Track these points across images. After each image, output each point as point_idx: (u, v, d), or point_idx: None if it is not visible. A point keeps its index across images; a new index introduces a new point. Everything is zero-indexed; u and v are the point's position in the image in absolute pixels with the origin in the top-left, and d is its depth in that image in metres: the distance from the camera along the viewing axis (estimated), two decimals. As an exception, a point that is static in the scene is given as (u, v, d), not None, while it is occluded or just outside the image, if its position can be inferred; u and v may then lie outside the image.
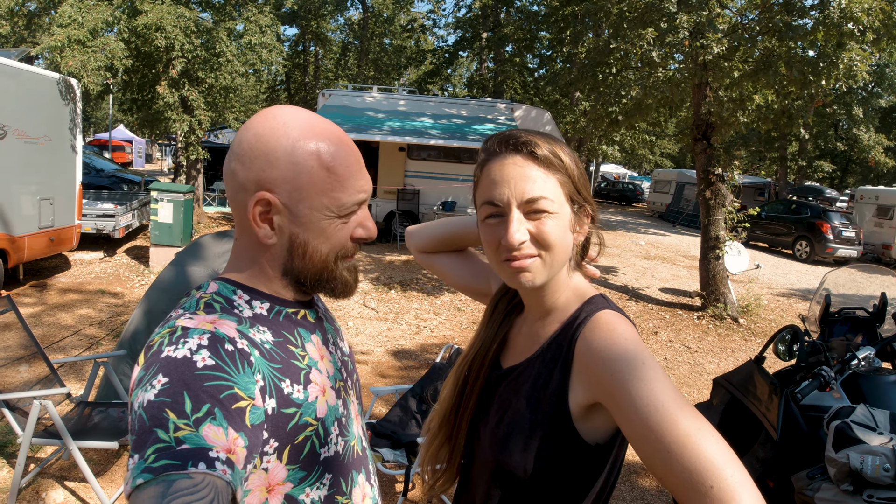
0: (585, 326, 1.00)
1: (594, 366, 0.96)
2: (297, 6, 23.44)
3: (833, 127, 26.69)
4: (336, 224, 0.96)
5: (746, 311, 9.14)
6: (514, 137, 1.04)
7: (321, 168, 0.93)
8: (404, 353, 6.66)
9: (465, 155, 13.59)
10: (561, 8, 16.71)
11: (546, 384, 1.04)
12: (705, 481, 0.78)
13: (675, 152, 38.36)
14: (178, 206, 9.27)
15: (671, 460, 0.82)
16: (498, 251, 1.03)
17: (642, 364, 0.90)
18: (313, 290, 1.03)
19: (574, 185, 1.05)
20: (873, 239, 16.78)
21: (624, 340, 0.94)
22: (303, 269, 0.98)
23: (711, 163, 8.90)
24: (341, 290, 1.03)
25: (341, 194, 0.95)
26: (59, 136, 8.12)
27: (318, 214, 0.94)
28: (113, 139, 22.51)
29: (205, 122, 12.32)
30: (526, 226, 1.00)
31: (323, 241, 0.97)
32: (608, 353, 0.94)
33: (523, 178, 1.01)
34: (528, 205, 1.00)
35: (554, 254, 1.02)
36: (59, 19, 9.78)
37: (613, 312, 1.01)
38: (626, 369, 0.90)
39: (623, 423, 0.90)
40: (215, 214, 15.97)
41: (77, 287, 8.14)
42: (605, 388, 0.94)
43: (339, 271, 1.00)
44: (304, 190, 0.93)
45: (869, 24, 7.08)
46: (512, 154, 1.03)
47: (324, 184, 0.93)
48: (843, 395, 2.43)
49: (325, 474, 0.96)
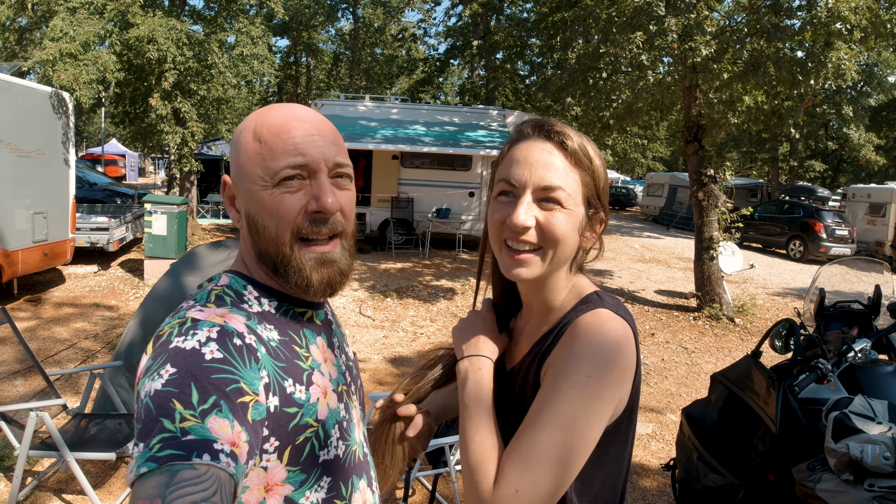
0: (577, 319, 0.98)
1: (562, 346, 0.97)
2: (289, 17, 23.54)
3: (823, 126, 26.88)
4: (274, 194, 0.92)
5: (742, 311, 9.17)
6: (550, 125, 1.03)
7: (254, 140, 0.94)
8: (401, 360, 6.65)
9: (459, 162, 13.62)
10: (550, 15, 16.79)
11: (531, 381, 1.04)
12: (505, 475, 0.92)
13: (667, 156, 38.56)
14: (171, 219, 9.25)
15: (516, 442, 0.94)
16: (501, 228, 1.02)
17: (587, 378, 0.91)
18: (281, 278, 0.96)
19: (595, 188, 1.04)
20: (866, 237, 16.87)
21: (597, 343, 0.94)
22: (264, 248, 0.95)
23: (703, 164, 8.95)
24: (297, 279, 0.94)
25: (270, 161, 0.92)
26: (51, 150, 8.11)
27: (254, 186, 0.93)
28: (106, 153, 22.47)
29: (197, 133, 12.31)
30: (535, 213, 0.99)
31: (267, 216, 0.93)
32: (580, 339, 0.95)
33: (546, 165, 0.99)
34: (543, 192, 0.99)
35: (556, 250, 1.00)
36: (50, 33, 9.78)
37: (611, 312, 0.99)
38: (575, 369, 0.92)
39: (534, 402, 0.96)
40: (209, 226, 15.94)
41: (72, 301, 8.11)
42: (551, 361, 0.97)
43: (294, 257, 0.93)
44: (243, 166, 0.95)
45: (856, 23, 7.14)
46: (542, 139, 1.02)
47: (256, 154, 0.93)
48: (840, 387, 2.44)
49: (324, 477, 0.95)
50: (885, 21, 7.43)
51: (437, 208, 13.56)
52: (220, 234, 14.60)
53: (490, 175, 1.11)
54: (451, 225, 13.37)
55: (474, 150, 12.68)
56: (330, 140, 0.96)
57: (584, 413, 0.91)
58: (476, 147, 12.71)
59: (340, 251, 0.98)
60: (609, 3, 9.23)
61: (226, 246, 5.09)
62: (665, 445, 4.82)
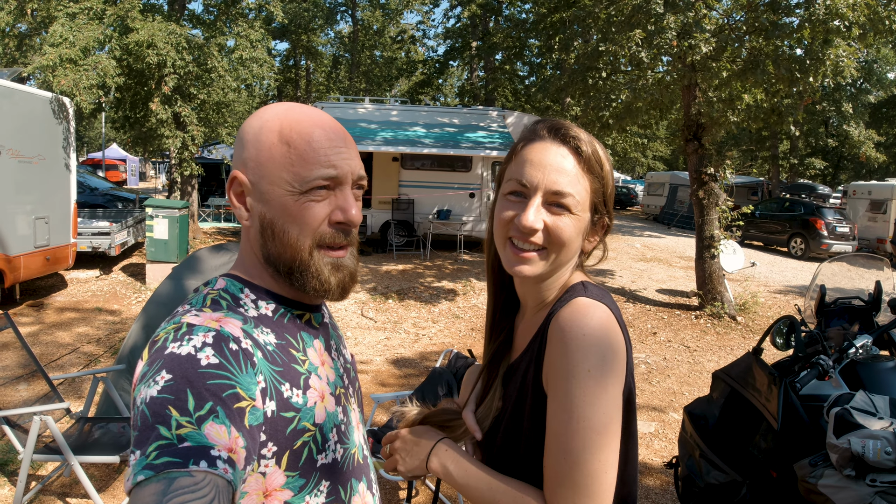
0: (560, 310, 1.00)
1: (553, 347, 0.98)
2: (288, 21, 23.56)
3: (823, 124, 26.84)
4: (301, 201, 0.92)
5: (744, 309, 9.16)
6: (565, 128, 1.04)
7: (281, 143, 0.92)
8: (404, 361, 6.65)
9: (459, 163, 13.63)
10: (549, 15, 16.79)
11: (527, 376, 1.05)
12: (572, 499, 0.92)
13: (667, 155, 38.53)
14: (173, 222, 9.27)
15: (556, 466, 0.94)
16: (508, 226, 1.03)
17: (587, 372, 0.92)
18: (293, 282, 0.96)
19: (604, 195, 1.06)
20: (867, 233, 16.86)
21: (580, 331, 0.95)
22: (276, 253, 0.94)
23: (703, 163, 8.95)
24: (315, 284, 0.95)
25: (300, 168, 0.91)
26: (52, 155, 8.13)
27: (279, 190, 0.92)
28: (106, 158, 22.51)
29: (198, 137, 12.33)
30: (543, 216, 1.00)
31: (290, 222, 0.93)
32: (564, 337, 0.95)
33: (559, 169, 1.01)
34: (554, 196, 1.00)
35: (559, 252, 1.02)
36: (50, 39, 9.81)
37: (588, 299, 1.00)
38: (573, 369, 0.93)
39: (549, 407, 0.97)
40: (210, 230, 15.96)
41: (74, 305, 8.12)
42: (549, 368, 0.98)
43: (314, 262, 0.94)
44: (264, 165, 0.93)
45: (855, 20, 7.14)
46: (557, 143, 1.03)
47: (283, 158, 0.92)
48: (841, 383, 2.45)
49: (323, 481, 0.94)
50: (883, 18, 7.44)
51: (438, 209, 13.57)
52: (221, 238, 14.62)
53: (498, 172, 1.12)
54: (451, 226, 13.37)
55: (474, 151, 12.69)
56: (355, 153, 0.98)
57: (598, 409, 0.93)
58: (476, 148, 12.72)
59: (350, 256, 0.99)
60: (608, 2, 9.25)
61: (227, 249, 5.11)
62: (668, 444, 4.82)
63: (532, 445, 1.02)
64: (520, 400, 1.07)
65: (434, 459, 1.10)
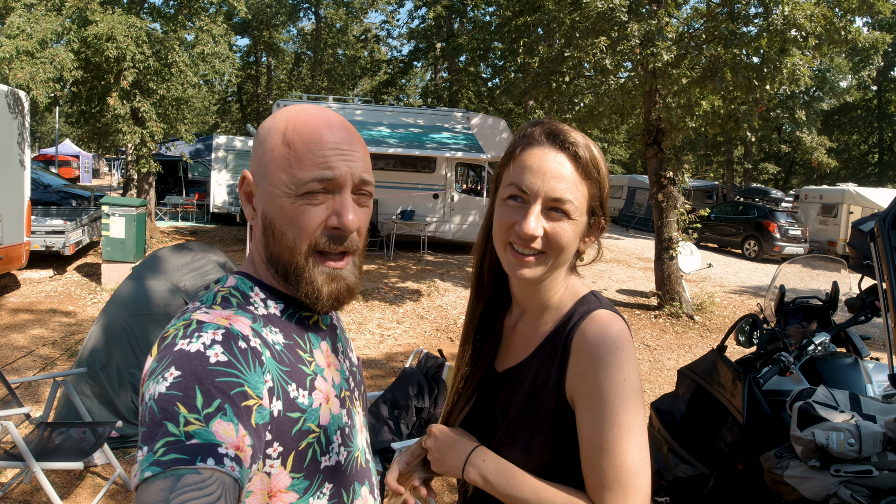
0: (582, 323, 1.04)
1: (582, 359, 1.01)
2: (250, 16, 23.21)
3: (777, 130, 27.73)
4: (297, 204, 0.91)
5: (701, 309, 9.41)
6: (563, 133, 1.06)
7: (282, 144, 0.92)
8: (369, 362, 6.64)
9: (423, 164, 13.64)
10: (513, 19, 16.96)
11: (545, 382, 1.07)
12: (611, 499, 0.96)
13: (626, 158, 39.25)
14: (130, 221, 9.02)
15: (601, 471, 0.97)
16: (508, 232, 1.06)
17: (623, 381, 0.98)
18: (289, 285, 0.95)
19: (600, 198, 1.09)
20: (819, 236, 17.47)
21: (613, 345, 1.00)
22: (276, 254, 0.94)
23: (663, 167, 9.16)
24: (307, 290, 0.94)
25: (298, 170, 0.90)
26: (6, 151, 7.84)
27: (277, 190, 0.92)
28: (59, 154, 21.79)
29: (157, 134, 12.05)
30: (543, 223, 1.03)
31: (287, 225, 0.92)
32: (598, 350, 1.00)
33: (558, 176, 1.03)
34: (554, 202, 1.03)
35: (559, 256, 1.06)
36: (7, 30, 9.46)
37: (608, 311, 1.06)
38: (611, 381, 0.98)
39: (582, 417, 1.00)
40: (168, 229, 15.61)
41: (28, 307, 7.86)
42: (581, 379, 1.01)
43: (309, 270, 0.93)
44: (267, 166, 0.94)
45: (811, 31, 7.39)
46: (556, 149, 1.05)
47: (283, 159, 0.92)
48: (802, 379, 2.55)
49: (326, 483, 0.95)
50: (839, 28, 7.71)
51: (402, 210, 13.56)
52: (179, 237, 14.31)
53: (495, 173, 1.14)
54: (415, 227, 13.38)
55: (439, 151, 12.70)
56: (360, 155, 0.96)
57: (637, 413, 0.98)
58: (440, 149, 12.74)
59: (351, 268, 0.98)
60: (572, 7, 9.38)
61: (189, 249, 5.00)
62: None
63: (546, 451, 1.05)
64: (529, 407, 1.08)
65: (471, 470, 1.09)
